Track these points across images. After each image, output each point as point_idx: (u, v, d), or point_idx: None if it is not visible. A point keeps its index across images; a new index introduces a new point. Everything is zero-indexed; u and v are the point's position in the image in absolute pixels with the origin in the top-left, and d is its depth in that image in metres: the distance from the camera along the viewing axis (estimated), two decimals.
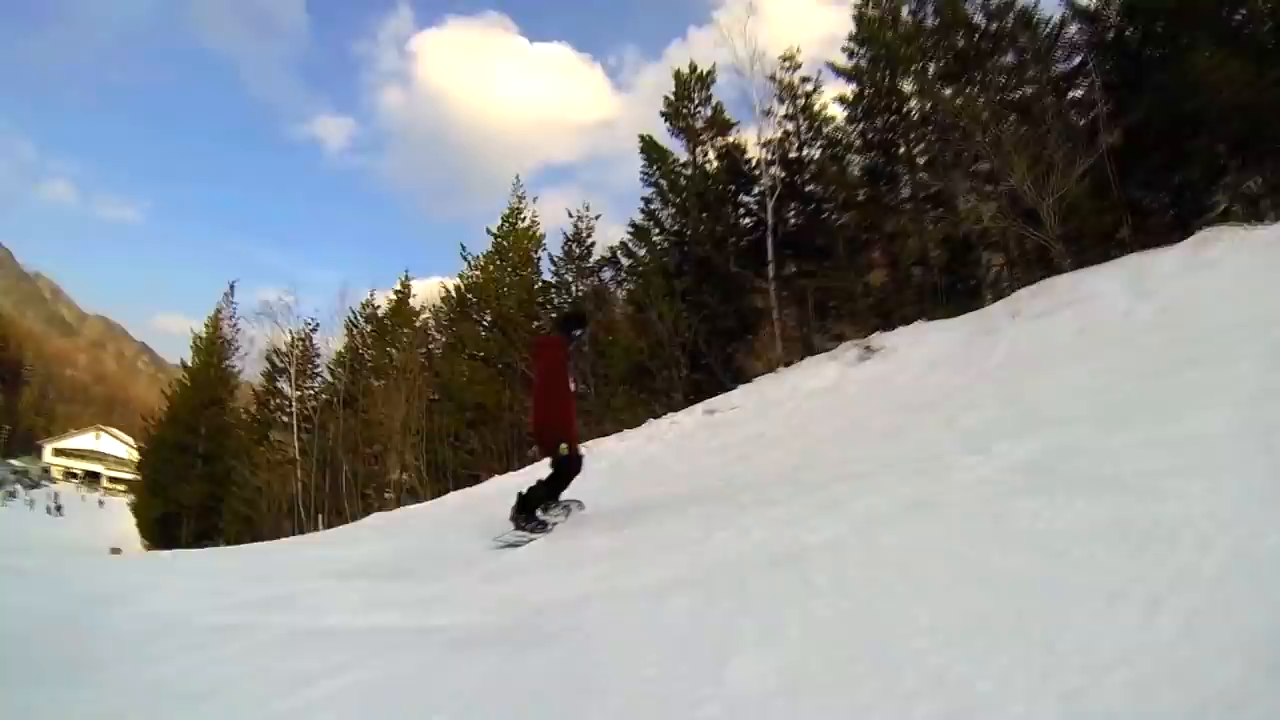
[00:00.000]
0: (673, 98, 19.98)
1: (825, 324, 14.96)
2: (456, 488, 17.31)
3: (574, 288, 22.54)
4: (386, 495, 23.19)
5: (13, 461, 75.15)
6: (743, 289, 16.29)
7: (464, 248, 25.71)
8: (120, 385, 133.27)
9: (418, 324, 28.15)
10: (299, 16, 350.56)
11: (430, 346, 26.99)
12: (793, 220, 18.09)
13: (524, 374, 18.73)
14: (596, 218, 22.70)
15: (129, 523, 36.25)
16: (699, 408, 11.80)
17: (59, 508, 49.35)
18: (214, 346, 34.14)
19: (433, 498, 16.59)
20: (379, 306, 29.78)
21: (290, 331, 30.39)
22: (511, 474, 13.90)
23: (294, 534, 20.96)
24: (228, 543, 25.14)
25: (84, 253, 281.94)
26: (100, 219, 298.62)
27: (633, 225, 19.92)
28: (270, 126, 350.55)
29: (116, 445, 75.92)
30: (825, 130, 17.84)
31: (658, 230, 19.57)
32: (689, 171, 19.41)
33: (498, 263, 24.88)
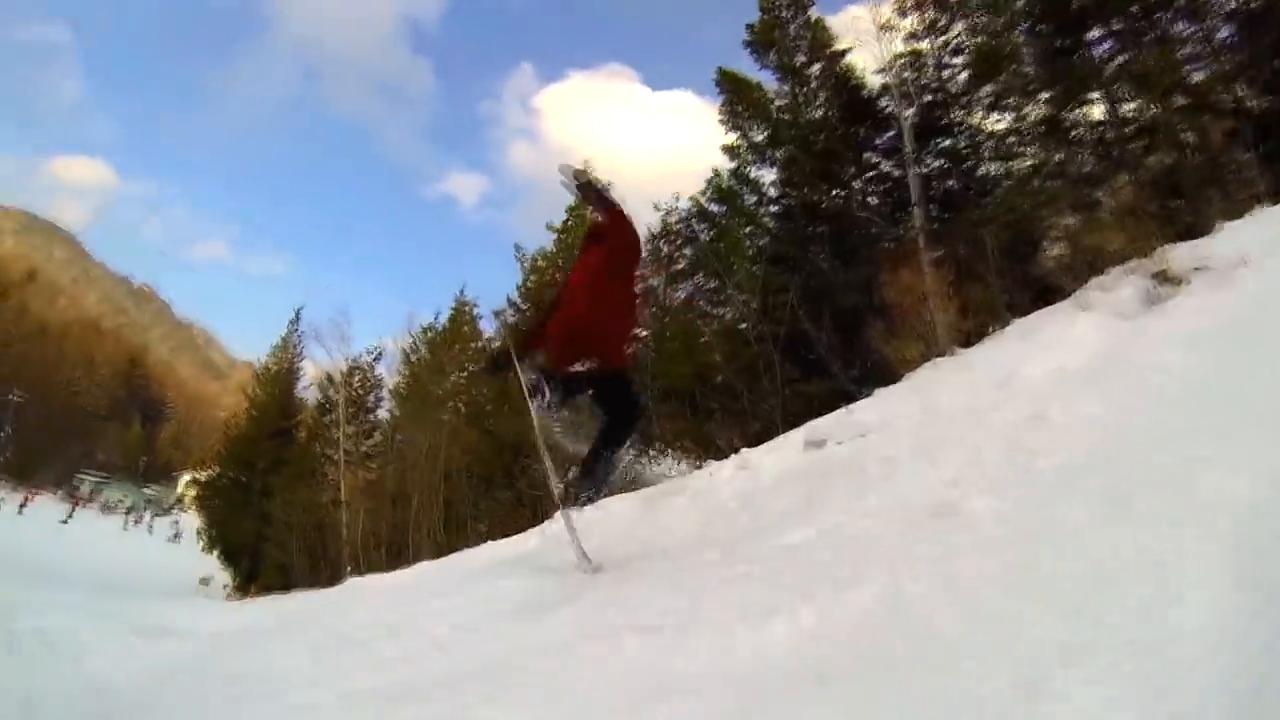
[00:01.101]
0: (760, 24, 14.89)
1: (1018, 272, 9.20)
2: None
3: (662, 295, 17.22)
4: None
5: (147, 489, 79.36)
6: (874, 244, 10.75)
7: (519, 248, 21.48)
8: None
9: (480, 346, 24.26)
10: (428, 82, 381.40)
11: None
12: (937, 165, 12.63)
13: None
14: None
15: None
16: (795, 437, 6.53)
17: (178, 535, 50.08)
18: (279, 377, 31.87)
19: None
20: (442, 330, 26.29)
21: (346, 359, 27.53)
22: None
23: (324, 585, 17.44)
24: (260, 591, 22.09)
25: (235, 305, 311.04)
26: (250, 273, 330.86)
27: (713, 179, 14.72)
28: (405, 186, 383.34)
29: None
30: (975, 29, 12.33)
31: (748, 190, 14.33)
32: (786, 114, 14.21)
33: (560, 264, 20.39)
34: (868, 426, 5.28)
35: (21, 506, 41.58)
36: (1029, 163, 11.93)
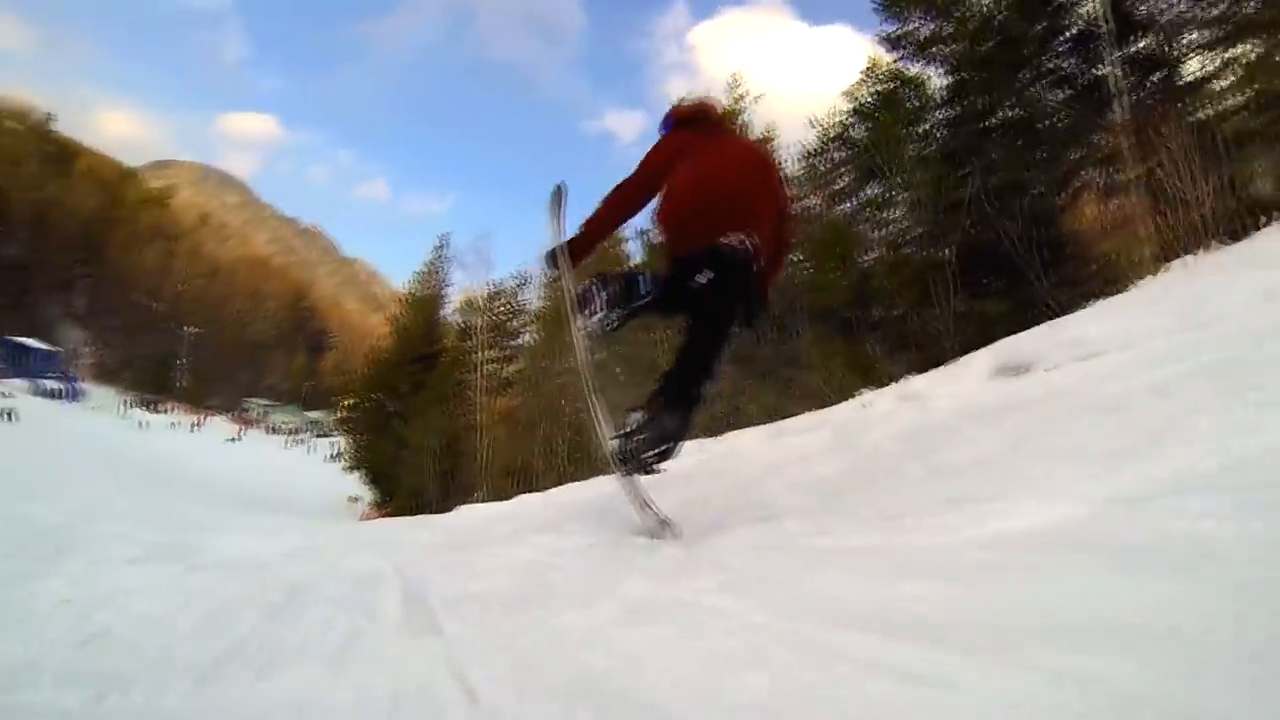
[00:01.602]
0: None
1: None
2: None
3: (819, 213, 14.64)
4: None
5: (310, 414, 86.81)
6: (1067, 143, 8.87)
7: None
8: None
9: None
10: (579, 20, 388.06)
11: None
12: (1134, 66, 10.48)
13: None
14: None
15: None
16: (978, 362, 5.42)
17: (336, 455, 54.40)
18: (424, 303, 32.46)
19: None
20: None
21: (489, 284, 27.83)
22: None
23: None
24: (393, 513, 23.04)
25: (398, 241, 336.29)
26: (411, 212, 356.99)
27: (870, 69, 13.03)
28: (564, 123, 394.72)
29: None
30: None
31: (910, 90, 12.50)
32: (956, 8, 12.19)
33: None
34: (1095, 346, 4.04)
35: (194, 427, 47.07)
36: (1248, 56, 9.55)
